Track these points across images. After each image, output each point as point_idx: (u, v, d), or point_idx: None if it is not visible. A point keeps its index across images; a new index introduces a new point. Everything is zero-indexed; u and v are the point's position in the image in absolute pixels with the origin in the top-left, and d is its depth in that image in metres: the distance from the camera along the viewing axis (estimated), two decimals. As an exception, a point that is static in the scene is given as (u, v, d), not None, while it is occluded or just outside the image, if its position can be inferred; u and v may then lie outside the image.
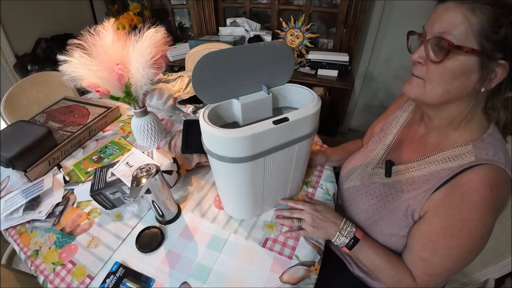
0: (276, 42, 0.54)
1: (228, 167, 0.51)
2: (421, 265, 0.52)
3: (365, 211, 0.62)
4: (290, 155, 0.56)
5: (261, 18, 2.00)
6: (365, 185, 0.65)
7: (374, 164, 0.67)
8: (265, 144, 0.49)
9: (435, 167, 0.52)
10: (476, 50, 0.41)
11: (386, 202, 0.58)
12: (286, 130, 0.50)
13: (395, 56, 1.78)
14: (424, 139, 0.58)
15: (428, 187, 0.51)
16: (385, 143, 0.68)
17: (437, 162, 0.52)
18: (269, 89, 0.58)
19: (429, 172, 0.53)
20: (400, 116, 0.68)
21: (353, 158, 0.75)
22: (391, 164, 0.61)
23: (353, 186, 0.68)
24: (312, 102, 0.52)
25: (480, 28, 0.40)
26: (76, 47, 0.68)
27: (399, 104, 0.71)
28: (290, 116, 0.49)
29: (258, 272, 0.56)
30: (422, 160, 0.55)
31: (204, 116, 0.50)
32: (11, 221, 0.68)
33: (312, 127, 0.54)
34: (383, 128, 0.72)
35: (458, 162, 0.49)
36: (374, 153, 0.68)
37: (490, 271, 0.66)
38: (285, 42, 0.55)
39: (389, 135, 0.68)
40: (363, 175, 0.67)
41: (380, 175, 0.62)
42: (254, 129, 0.46)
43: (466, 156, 0.48)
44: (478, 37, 0.41)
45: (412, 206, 0.53)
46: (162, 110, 1.07)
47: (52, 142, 0.85)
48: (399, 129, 0.67)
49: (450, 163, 0.50)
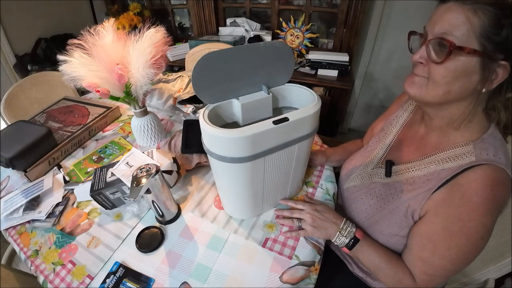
0: (276, 42, 0.54)
1: (228, 167, 0.51)
2: (420, 265, 0.52)
3: (365, 211, 0.62)
4: (290, 155, 0.56)
5: (261, 18, 1.99)
6: (365, 185, 0.65)
7: (374, 164, 0.67)
8: (265, 144, 0.49)
9: (435, 167, 0.52)
10: (477, 51, 0.41)
11: (386, 202, 0.58)
12: (286, 130, 0.50)
13: (395, 56, 1.78)
14: (424, 139, 0.58)
15: (428, 187, 0.51)
16: (385, 143, 0.68)
17: (437, 162, 0.52)
18: (269, 89, 0.58)
19: (429, 172, 0.53)
20: (401, 116, 0.68)
21: (353, 158, 0.75)
22: (391, 164, 0.61)
23: (353, 186, 0.68)
24: (312, 102, 0.52)
25: (482, 29, 0.40)
26: (76, 47, 0.68)
27: (399, 104, 0.71)
28: (290, 116, 0.49)
29: (258, 272, 0.56)
30: (422, 160, 0.55)
31: (204, 116, 0.50)
32: (11, 221, 0.68)
33: (312, 127, 0.54)
34: (383, 128, 0.72)
35: (459, 162, 0.49)
36: (374, 153, 0.68)
37: (490, 271, 0.66)
38: (285, 42, 0.54)
39: (389, 135, 0.68)
40: (363, 175, 0.67)
41: (380, 175, 0.62)
42: (254, 129, 0.46)
43: (467, 156, 0.48)
44: (480, 38, 0.41)
45: (412, 206, 0.53)
46: (162, 110, 1.07)
47: (52, 142, 0.85)
48: (399, 129, 0.67)
49: (451, 163, 0.50)
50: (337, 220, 0.60)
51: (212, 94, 0.53)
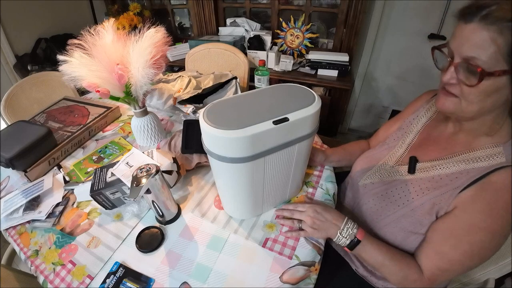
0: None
1: (228, 167, 0.51)
2: (437, 259, 0.52)
3: (385, 208, 0.61)
4: (290, 155, 0.56)
5: (261, 18, 1.99)
6: (384, 182, 0.65)
7: (394, 162, 0.67)
8: (265, 144, 0.49)
9: (464, 166, 0.53)
10: (507, 70, 0.42)
11: (410, 199, 0.58)
12: (286, 130, 0.50)
13: (395, 56, 1.78)
14: (453, 138, 0.59)
15: (456, 185, 0.52)
16: (405, 141, 0.68)
17: (467, 161, 0.53)
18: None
19: (458, 171, 0.53)
20: (423, 115, 0.68)
21: (368, 155, 0.75)
22: (416, 161, 0.61)
23: (371, 183, 0.68)
24: (312, 102, 0.52)
25: (509, 48, 0.40)
26: (76, 47, 0.68)
27: (416, 107, 0.71)
28: (290, 116, 0.49)
29: (258, 272, 0.56)
30: (451, 159, 0.56)
31: (204, 116, 0.50)
32: (11, 221, 0.68)
33: (312, 127, 0.54)
34: (401, 127, 0.72)
35: (489, 162, 0.50)
36: (393, 150, 0.68)
37: (490, 271, 0.65)
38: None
39: (409, 133, 0.68)
40: (381, 172, 0.67)
41: (402, 172, 0.62)
42: (254, 129, 0.46)
43: (497, 157, 0.49)
44: (507, 57, 0.41)
45: (438, 204, 0.53)
46: (162, 110, 1.07)
47: (52, 142, 0.85)
48: (421, 127, 0.67)
49: (481, 163, 0.51)
50: (338, 221, 0.60)
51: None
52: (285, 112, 0.49)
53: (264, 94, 0.56)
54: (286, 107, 0.51)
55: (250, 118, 0.48)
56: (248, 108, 0.51)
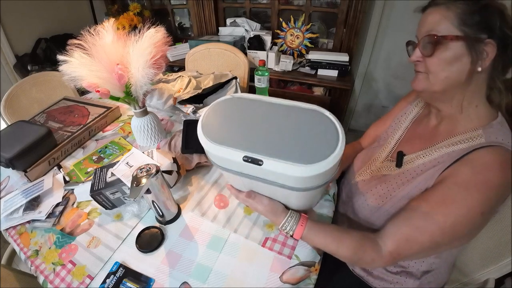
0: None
1: (226, 172, 0.51)
2: (407, 230, 0.51)
3: (375, 201, 0.62)
4: (282, 191, 0.49)
5: (261, 18, 1.99)
6: (375, 178, 0.66)
7: (383, 158, 0.68)
8: (251, 170, 0.46)
9: (445, 150, 0.54)
10: (459, 36, 0.48)
11: (397, 190, 0.59)
12: (265, 173, 0.45)
13: (395, 56, 1.78)
14: (436, 129, 0.61)
15: (438, 167, 0.53)
16: (394, 137, 0.70)
17: (448, 146, 0.55)
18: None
19: (440, 155, 0.55)
20: (410, 111, 0.71)
21: (362, 154, 0.76)
22: (402, 155, 0.63)
23: (362, 180, 0.69)
24: (319, 160, 0.41)
25: (457, 18, 0.48)
26: (76, 47, 0.68)
27: (403, 106, 0.74)
28: (270, 165, 0.42)
29: (258, 272, 0.56)
30: (433, 147, 0.58)
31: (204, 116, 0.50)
32: (11, 221, 0.68)
33: (302, 185, 0.45)
34: (391, 124, 0.74)
35: (469, 143, 0.52)
36: (383, 148, 0.70)
37: (490, 271, 0.65)
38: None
39: (398, 129, 0.70)
40: (372, 168, 0.69)
41: (390, 167, 0.64)
42: (231, 154, 0.44)
43: (477, 138, 0.51)
44: (458, 25, 0.48)
45: (424, 186, 0.54)
46: (162, 110, 1.07)
47: (52, 142, 0.85)
48: (409, 123, 0.70)
49: (461, 145, 0.53)
50: (278, 219, 0.58)
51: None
52: (277, 154, 0.41)
53: (279, 112, 0.48)
54: (284, 146, 0.43)
55: (241, 137, 0.44)
56: (250, 124, 0.47)
